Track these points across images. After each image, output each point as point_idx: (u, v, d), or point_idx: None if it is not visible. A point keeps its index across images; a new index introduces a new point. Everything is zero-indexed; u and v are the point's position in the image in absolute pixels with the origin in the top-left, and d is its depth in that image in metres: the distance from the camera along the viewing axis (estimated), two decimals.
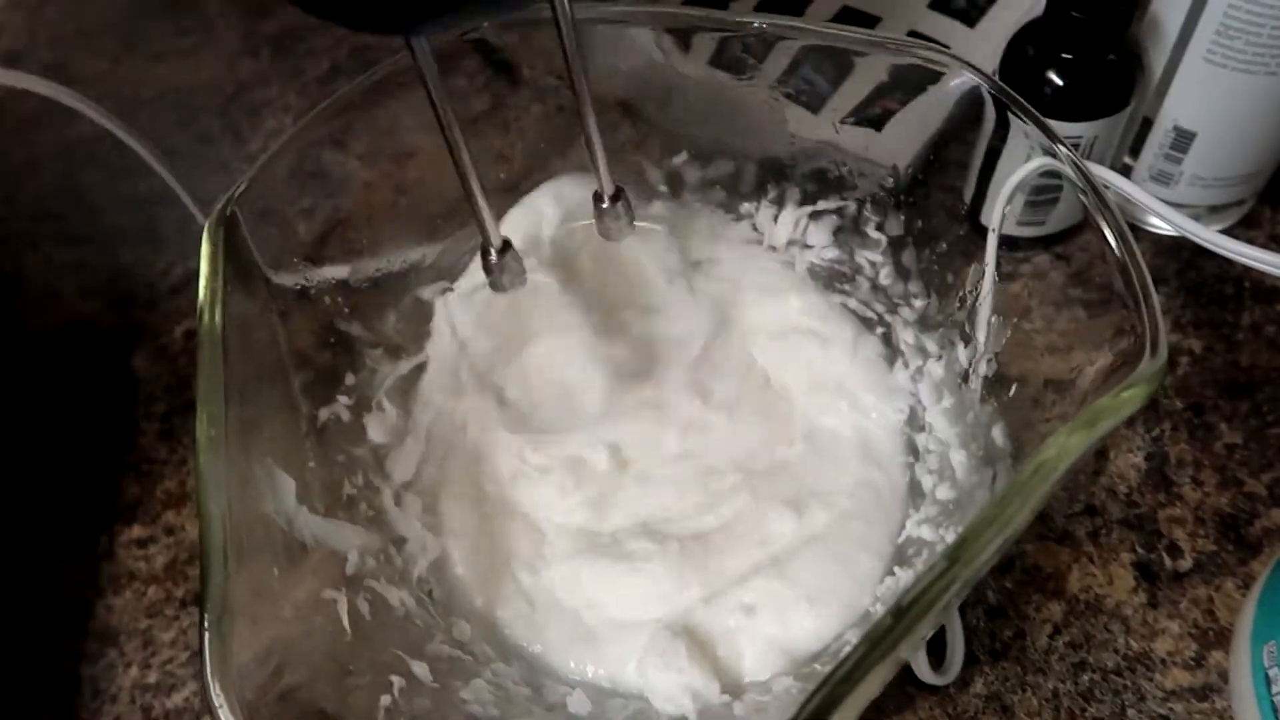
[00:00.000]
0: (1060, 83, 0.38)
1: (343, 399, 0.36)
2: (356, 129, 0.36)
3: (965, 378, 0.34)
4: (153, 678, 0.37)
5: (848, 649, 0.22)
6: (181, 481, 0.43)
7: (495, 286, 0.32)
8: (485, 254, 0.31)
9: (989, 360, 0.33)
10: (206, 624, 0.24)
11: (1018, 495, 0.23)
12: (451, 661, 0.32)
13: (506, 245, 0.31)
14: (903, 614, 0.22)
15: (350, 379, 0.37)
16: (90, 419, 0.45)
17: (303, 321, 0.35)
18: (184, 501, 0.42)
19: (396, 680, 0.30)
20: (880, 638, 0.22)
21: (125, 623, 0.39)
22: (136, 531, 0.41)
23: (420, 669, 0.31)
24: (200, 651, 0.24)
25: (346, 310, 0.37)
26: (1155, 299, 0.25)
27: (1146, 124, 0.41)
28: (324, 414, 0.35)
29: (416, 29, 0.25)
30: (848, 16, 0.48)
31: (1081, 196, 0.28)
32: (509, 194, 0.40)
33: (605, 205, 0.33)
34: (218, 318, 0.29)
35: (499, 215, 0.41)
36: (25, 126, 0.57)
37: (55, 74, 0.61)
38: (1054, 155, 0.29)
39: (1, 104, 0.58)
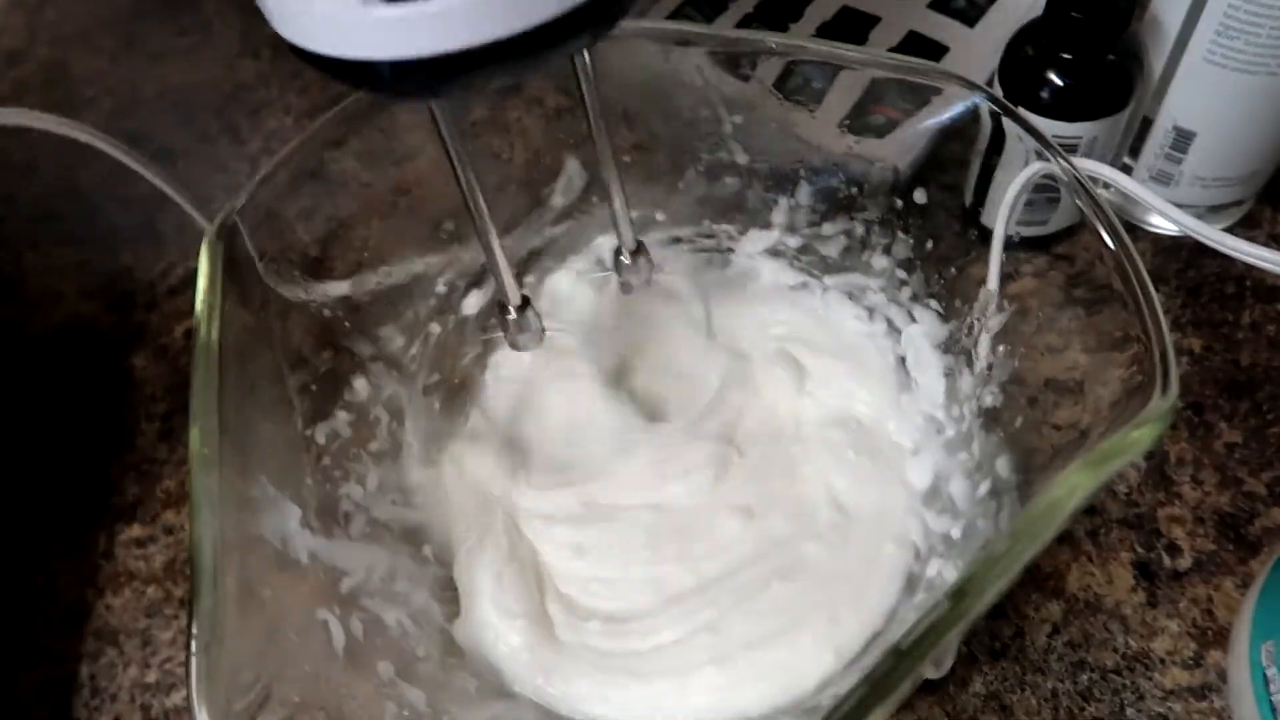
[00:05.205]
0: (1060, 83, 0.38)
1: (343, 414, 0.36)
2: (359, 140, 0.35)
3: (975, 406, 0.34)
4: (152, 677, 0.37)
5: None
6: (181, 481, 0.42)
7: (514, 345, 0.31)
8: (503, 311, 0.30)
9: (994, 391, 0.33)
10: (194, 649, 0.24)
11: (1024, 537, 0.23)
12: (448, 688, 0.32)
13: (526, 303, 0.30)
14: (903, 656, 0.22)
15: (350, 394, 0.36)
16: (90, 419, 0.45)
17: (303, 335, 0.35)
18: (183, 501, 0.42)
19: (390, 707, 0.29)
20: (881, 678, 0.22)
21: (125, 622, 0.39)
22: (136, 531, 0.41)
23: (415, 696, 0.30)
24: (187, 677, 0.23)
25: (347, 324, 0.37)
26: (1167, 333, 0.24)
27: (1146, 124, 0.41)
28: (323, 429, 0.35)
29: (437, 95, 0.24)
30: (847, 16, 0.48)
31: (1084, 208, 0.28)
32: (501, 192, 0.40)
33: (626, 261, 0.32)
34: (214, 333, 0.29)
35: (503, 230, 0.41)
36: (25, 126, 0.57)
37: (55, 74, 0.61)
38: (1051, 163, 0.29)
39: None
